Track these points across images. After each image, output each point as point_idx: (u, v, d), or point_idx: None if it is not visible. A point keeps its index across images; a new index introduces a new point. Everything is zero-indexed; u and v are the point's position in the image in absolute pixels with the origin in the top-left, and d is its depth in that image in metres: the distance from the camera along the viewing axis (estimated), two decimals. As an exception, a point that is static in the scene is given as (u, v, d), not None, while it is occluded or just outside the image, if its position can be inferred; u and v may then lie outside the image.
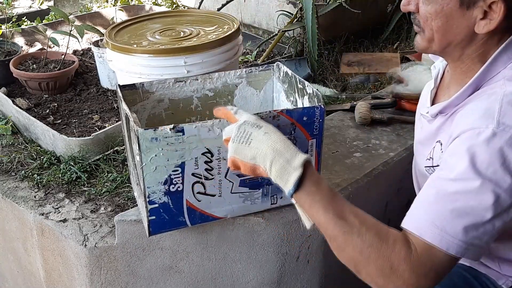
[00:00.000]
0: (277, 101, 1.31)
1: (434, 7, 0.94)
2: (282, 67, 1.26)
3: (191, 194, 1.09)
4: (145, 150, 1.00)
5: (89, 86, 1.99)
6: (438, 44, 0.98)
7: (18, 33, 2.28)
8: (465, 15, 0.92)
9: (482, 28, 0.92)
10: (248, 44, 2.40)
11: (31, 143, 1.62)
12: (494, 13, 0.90)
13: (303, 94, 1.18)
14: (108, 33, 1.36)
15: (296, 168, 0.87)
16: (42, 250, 1.36)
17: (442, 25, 0.95)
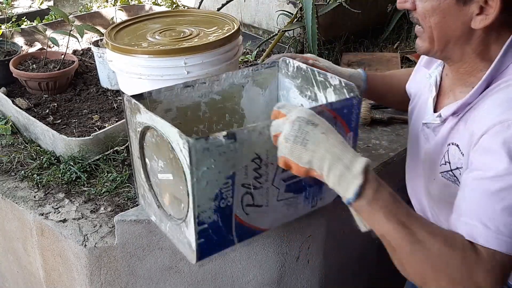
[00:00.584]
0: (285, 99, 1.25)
1: (431, 3, 0.95)
2: (291, 61, 1.20)
3: (240, 208, 0.99)
4: (196, 163, 0.88)
5: (89, 86, 1.99)
6: (438, 42, 0.99)
7: (17, 33, 2.28)
8: (461, 10, 0.93)
9: (479, 23, 0.92)
10: (248, 44, 2.40)
11: (31, 143, 1.62)
12: (490, 8, 0.90)
13: (325, 86, 1.12)
14: (108, 33, 1.36)
15: (356, 176, 0.81)
16: (42, 250, 1.36)
17: (439, 21, 0.95)
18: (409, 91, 1.29)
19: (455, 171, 1.01)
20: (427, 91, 1.16)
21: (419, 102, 1.20)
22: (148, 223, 1.21)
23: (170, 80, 1.28)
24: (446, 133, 1.04)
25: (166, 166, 0.99)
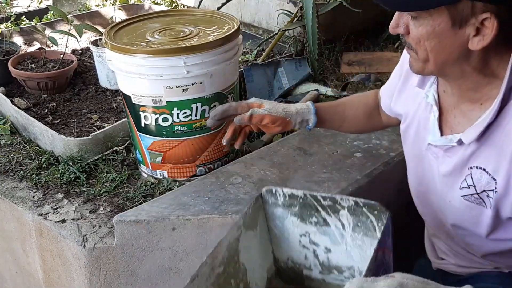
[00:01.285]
0: (278, 230, 1.09)
1: (425, 28, 0.92)
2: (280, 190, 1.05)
3: None
4: None
5: (88, 85, 1.99)
6: (434, 64, 0.96)
7: (16, 32, 2.27)
8: (457, 33, 0.90)
9: (476, 45, 0.90)
10: (248, 43, 2.39)
11: (30, 143, 1.61)
12: (486, 29, 0.88)
13: (335, 209, 0.99)
14: (107, 32, 1.35)
15: None
16: (40, 250, 1.35)
17: (435, 45, 0.93)
18: (397, 112, 1.27)
19: (481, 194, 1.00)
20: (423, 110, 1.13)
21: (415, 121, 1.17)
22: (147, 223, 1.20)
23: (169, 79, 1.27)
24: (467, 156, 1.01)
25: None
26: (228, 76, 1.37)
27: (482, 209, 1.02)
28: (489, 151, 0.97)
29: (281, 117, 1.22)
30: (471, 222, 1.06)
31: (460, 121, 1.03)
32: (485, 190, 0.99)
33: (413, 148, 1.19)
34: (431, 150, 1.10)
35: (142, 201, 1.34)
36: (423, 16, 0.91)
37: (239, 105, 1.22)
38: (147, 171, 1.43)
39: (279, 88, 1.98)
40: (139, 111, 1.34)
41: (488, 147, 0.97)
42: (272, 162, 1.42)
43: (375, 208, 0.93)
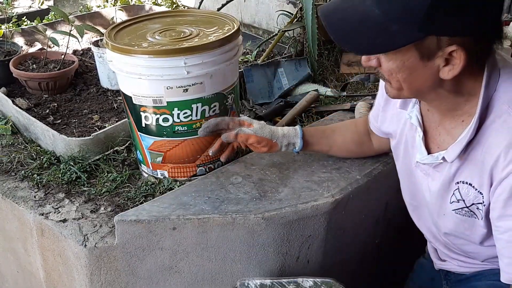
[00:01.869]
0: None
1: (395, 63, 0.93)
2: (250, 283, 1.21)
3: None
4: None
5: (89, 86, 1.99)
6: (408, 92, 0.98)
7: (18, 33, 2.28)
8: (427, 65, 0.91)
9: (447, 74, 0.91)
10: (248, 44, 2.40)
11: (31, 143, 1.62)
12: (455, 59, 0.89)
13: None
14: (108, 33, 1.36)
15: None
16: (42, 250, 1.36)
17: (407, 77, 0.94)
18: (386, 131, 1.28)
19: (471, 207, 1.02)
20: (409, 130, 1.15)
21: (403, 140, 1.19)
22: (148, 223, 1.21)
23: (170, 80, 1.28)
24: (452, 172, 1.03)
25: None
26: (228, 76, 1.38)
27: (475, 220, 1.04)
28: (472, 167, 0.99)
29: (266, 138, 1.29)
30: (465, 234, 1.08)
31: (444, 138, 1.05)
32: (474, 203, 1.01)
33: (403, 164, 1.21)
34: (420, 167, 1.12)
35: (142, 200, 1.34)
36: (391, 54, 0.92)
37: (231, 121, 1.30)
38: (148, 171, 1.44)
39: (279, 88, 1.99)
40: (139, 111, 1.35)
41: (471, 163, 0.99)
42: (272, 162, 1.43)
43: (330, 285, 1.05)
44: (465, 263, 1.22)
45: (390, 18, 0.86)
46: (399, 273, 1.52)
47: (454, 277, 1.27)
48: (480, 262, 1.18)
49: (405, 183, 1.24)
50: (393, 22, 0.86)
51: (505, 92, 0.94)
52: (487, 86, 0.94)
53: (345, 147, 1.39)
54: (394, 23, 0.86)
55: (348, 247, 1.48)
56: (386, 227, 1.54)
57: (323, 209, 1.28)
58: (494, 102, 0.94)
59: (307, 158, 1.44)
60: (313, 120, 1.71)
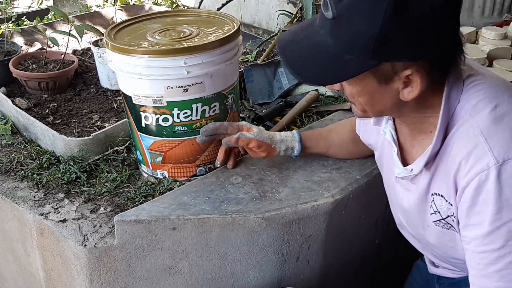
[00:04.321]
0: None
1: (355, 87, 0.93)
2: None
3: None
4: None
5: (88, 86, 1.99)
6: (372, 113, 0.99)
7: (17, 33, 2.28)
8: (386, 89, 0.92)
9: (408, 95, 0.92)
10: (248, 43, 2.40)
11: (31, 143, 1.62)
12: (413, 82, 0.89)
13: None
14: (108, 33, 1.36)
15: None
16: (41, 250, 1.36)
17: (368, 100, 0.95)
18: (368, 142, 1.28)
19: (447, 219, 1.02)
20: (387, 145, 1.15)
21: (384, 154, 1.19)
22: (148, 223, 1.21)
23: (170, 80, 1.28)
24: (426, 183, 1.04)
25: None
26: (228, 76, 1.38)
27: (454, 233, 1.04)
28: (441, 178, 1.00)
29: (266, 143, 1.29)
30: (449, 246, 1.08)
31: (417, 150, 1.06)
32: (449, 215, 1.01)
33: (386, 178, 1.22)
34: (400, 182, 1.12)
35: (142, 201, 1.34)
36: (350, 80, 0.92)
37: (230, 125, 1.31)
38: (148, 171, 1.44)
39: (279, 88, 1.99)
40: (139, 111, 1.35)
41: (440, 173, 1.00)
42: (272, 162, 1.43)
43: None
44: (455, 270, 1.23)
45: (342, 48, 0.87)
46: (399, 274, 1.52)
47: (446, 281, 1.28)
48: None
49: (389, 197, 1.25)
50: (346, 51, 0.86)
51: (467, 102, 0.94)
52: (447, 99, 0.94)
53: (343, 147, 1.39)
54: (347, 52, 0.86)
55: (348, 247, 1.48)
56: (386, 227, 1.54)
57: (323, 209, 1.28)
58: (457, 112, 0.95)
59: (307, 158, 1.44)
60: (313, 120, 1.71)
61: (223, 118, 1.40)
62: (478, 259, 0.92)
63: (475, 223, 0.91)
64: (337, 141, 1.38)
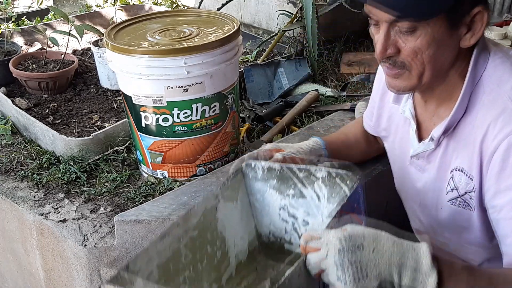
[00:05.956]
0: (259, 204, 1.11)
1: (424, 38, 0.91)
2: (258, 163, 1.07)
3: None
4: None
5: (88, 86, 1.99)
6: (430, 74, 0.96)
7: (17, 32, 2.28)
8: (452, 35, 0.92)
9: (469, 41, 0.93)
10: (248, 43, 2.40)
11: (31, 143, 1.62)
12: (476, 23, 0.91)
13: (311, 181, 1.01)
14: (108, 33, 1.36)
15: (428, 273, 0.77)
16: (41, 250, 1.36)
17: (434, 53, 0.93)
18: (378, 131, 1.27)
19: (464, 196, 1.01)
20: (403, 125, 1.14)
21: (397, 139, 1.18)
22: (148, 223, 1.21)
23: (170, 80, 1.28)
24: (445, 159, 1.03)
25: None
26: (228, 76, 1.38)
27: (470, 213, 1.02)
28: (462, 151, 0.98)
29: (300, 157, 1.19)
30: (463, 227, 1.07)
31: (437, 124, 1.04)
32: (467, 192, 1.00)
33: (398, 166, 1.20)
34: (415, 164, 1.11)
35: (142, 201, 1.34)
36: (421, 27, 0.91)
37: (258, 153, 1.19)
38: (148, 171, 1.44)
39: (279, 88, 1.99)
40: (139, 111, 1.35)
41: (460, 147, 0.98)
42: (272, 162, 1.43)
43: (347, 178, 0.94)
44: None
45: None
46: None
47: None
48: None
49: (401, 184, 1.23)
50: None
51: (494, 71, 0.95)
52: (475, 64, 0.95)
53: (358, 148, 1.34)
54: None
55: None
56: (386, 227, 1.54)
57: (323, 209, 1.28)
58: (483, 80, 0.95)
59: (307, 158, 1.44)
60: (313, 120, 1.71)
61: (223, 118, 1.40)
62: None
63: (506, 188, 0.90)
64: (354, 143, 1.35)
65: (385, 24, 0.92)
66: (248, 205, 1.12)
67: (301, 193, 1.04)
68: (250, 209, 1.12)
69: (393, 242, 0.78)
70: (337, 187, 0.96)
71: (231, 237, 1.09)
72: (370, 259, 0.76)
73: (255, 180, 1.09)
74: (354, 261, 0.75)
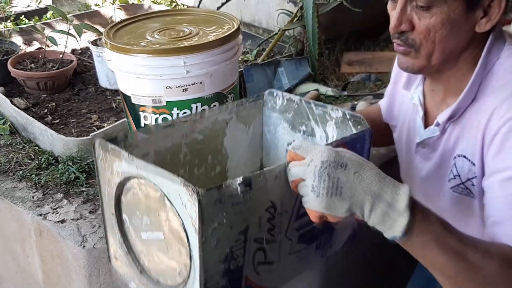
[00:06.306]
0: (271, 137, 1.11)
1: (440, 16, 0.90)
2: (279, 93, 1.08)
3: (251, 268, 0.86)
4: (206, 219, 0.74)
5: (87, 85, 1.98)
6: (440, 56, 0.95)
7: (16, 32, 2.27)
8: (468, 17, 0.91)
9: (484, 26, 0.92)
10: (248, 43, 2.39)
11: (29, 143, 1.61)
12: (493, 8, 0.90)
13: (324, 120, 1.01)
14: (107, 32, 1.35)
15: (401, 212, 0.75)
16: (40, 251, 1.35)
17: (447, 34, 0.92)
18: (391, 118, 1.26)
19: (466, 183, 1.00)
20: (411, 113, 1.13)
21: (405, 127, 1.17)
22: (147, 224, 1.20)
23: (169, 79, 1.27)
24: (449, 145, 1.02)
25: (154, 223, 0.85)
26: (228, 76, 1.37)
27: (471, 200, 1.02)
28: (467, 135, 0.97)
29: None
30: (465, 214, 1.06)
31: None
32: (469, 178, 0.99)
33: (404, 155, 1.19)
34: (420, 152, 1.10)
35: (142, 201, 1.33)
36: (438, 4, 0.90)
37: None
38: (147, 171, 1.43)
39: (279, 88, 1.98)
40: (138, 111, 1.34)
41: (466, 130, 0.97)
42: (272, 162, 1.42)
43: (360, 122, 0.94)
44: None
45: None
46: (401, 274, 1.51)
47: None
48: None
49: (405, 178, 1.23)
50: None
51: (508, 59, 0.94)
52: (488, 52, 0.94)
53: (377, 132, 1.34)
54: None
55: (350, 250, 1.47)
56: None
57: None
58: (496, 69, 0.94)
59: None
60: (314, 120, 1.70)
61: (223, 118, 1.39)
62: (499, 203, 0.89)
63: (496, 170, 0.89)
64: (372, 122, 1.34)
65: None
66: (260, 136, 1.12)
67: (312, 130, 1.04)
68: (261, 140, 1.12)
69: (377, 173, 0.77)
70: (348, 129, 0.96)
71: (234, 159, 1.10)
72: (348, 179, 0.75)
73: (273, 110, 1.10)
74: (333, 176, 0.75)
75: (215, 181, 1.06)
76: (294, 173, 0.79)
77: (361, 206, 0.76)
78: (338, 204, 0.75)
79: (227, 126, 1.05)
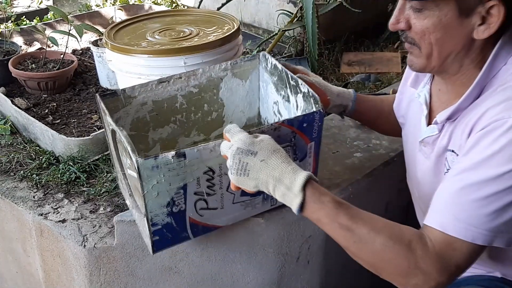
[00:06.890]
0: (264, 91, 1.29)
1: (431, 20, 0.91)
2: (270, 58, 1.23)
3: (194, 211, 1.07)
4: (146, 178, 0.96)
5: (88, 85, 1.99)
6: (438, 57, 0.96)
7: (17, 32, 2.27)
8: (463, 23, 0.91)
9: (482, 34, 0.91)
10: (248, 43, 2.39)
11: (30, 143, 1.61)
12: (492, 17, 0.89)
13: (296, 91, 1.15)
14: (107, 33, 1.35)
15: (296, 194, 0.90)
16: (41, 250, 1.35)
17: (441, 37, 0.93)
18: (399, 119, 1.26)
19: None
20: (417, 112, 1.14)
21: (411, 125, 1.18)
22: (147, 223, 1.21)
23: (169, 79, 1.28)
24: (443, 142, 1.03)
25: (131, 165, 1.03)
26: (228, 76, 1.37)
27: None
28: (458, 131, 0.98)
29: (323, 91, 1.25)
30: None
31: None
32: None
33: (411, 151, 1.20)
34: (422, 150, 1.11)
35: (142, 201, 1.34)
36: (429, 8, 0.91)
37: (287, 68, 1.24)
38: (147, 171, 1.44)
39: (279, 88, 1.98)
40: (139, 111, 1.35)
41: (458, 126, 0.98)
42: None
43: (316, 102, 1.07)
44: None
45: None
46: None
47: None
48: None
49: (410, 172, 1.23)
50: None
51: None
52: (495, 57, 0.93)
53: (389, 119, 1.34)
54: None
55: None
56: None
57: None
58: (501, 73, 0.93)
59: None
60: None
61: (223, 118, 1.40)
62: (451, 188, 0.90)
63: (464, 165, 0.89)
64: (385, 113, 1.34)
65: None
66: (257, 88, 1.30)
67: (288, 97, 1.19)
68: (258, 93, 1.30)
69: (283, 162, 0.92)
70: (310, 105, 1.10)
71: (231, 107, 1.27)
72: (255, 165, 0.92)
73: (265, 70, 1.26)
74: (242, 161, 0.92)
75: (211, 124, 1.26)
76: (222, 150, 0.98)
77: (266, 186, 0.93)
78: (246, 181, 0.93)
79: (222, 81, 1.22)
